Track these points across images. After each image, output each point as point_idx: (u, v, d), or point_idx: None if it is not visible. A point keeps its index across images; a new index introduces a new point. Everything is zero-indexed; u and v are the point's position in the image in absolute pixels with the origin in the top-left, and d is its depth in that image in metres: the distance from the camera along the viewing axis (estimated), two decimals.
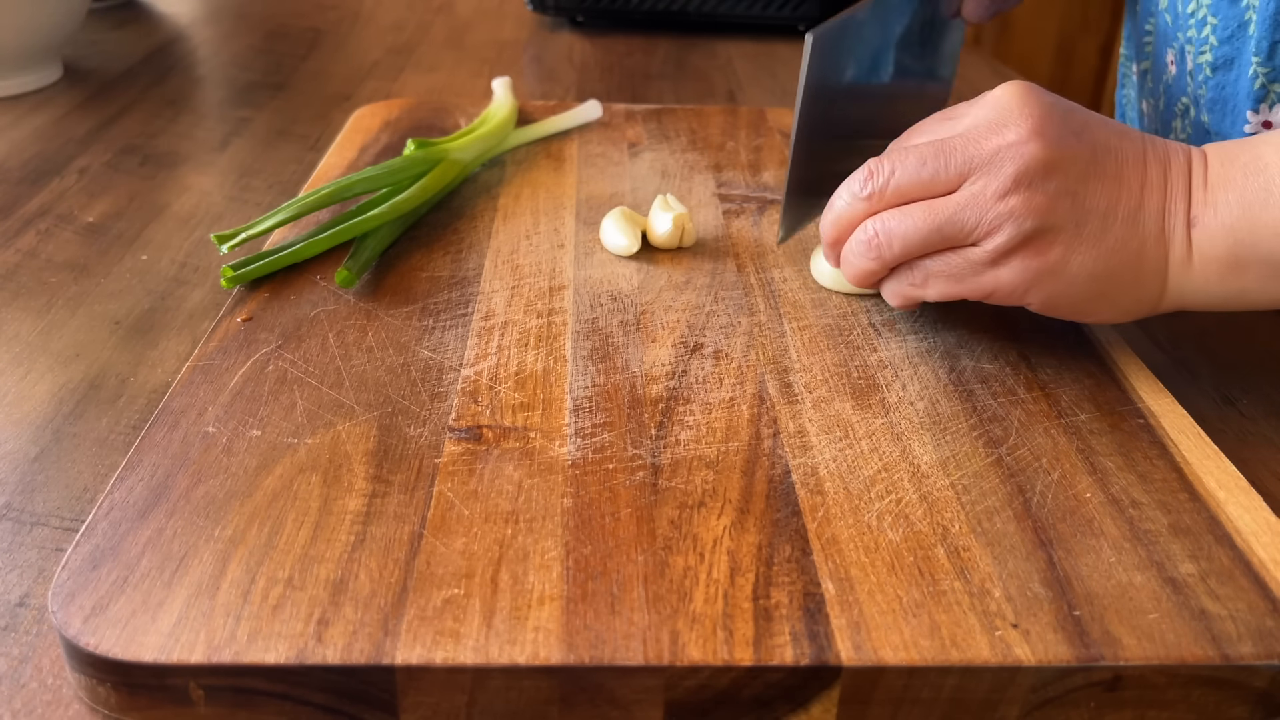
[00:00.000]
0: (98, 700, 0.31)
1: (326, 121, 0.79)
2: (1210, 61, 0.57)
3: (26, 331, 0.50)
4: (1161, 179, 0.42)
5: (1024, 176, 0.41)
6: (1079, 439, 0.40)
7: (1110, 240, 0.42)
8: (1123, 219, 0.42)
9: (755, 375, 0.44)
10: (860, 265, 0.45)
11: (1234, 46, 0.55)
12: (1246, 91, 0.55)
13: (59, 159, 0.70)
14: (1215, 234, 0.41)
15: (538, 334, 0.46)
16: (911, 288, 0.44)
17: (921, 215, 0.42)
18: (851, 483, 0.37)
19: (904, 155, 0.43)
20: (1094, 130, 0.43)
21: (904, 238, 0.43)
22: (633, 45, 1.01)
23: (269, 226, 0.51)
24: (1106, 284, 0.42)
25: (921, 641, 0.31)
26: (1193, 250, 0.42)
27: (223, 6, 1.14)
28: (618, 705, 0.31)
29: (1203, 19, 0.56)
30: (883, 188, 0.43)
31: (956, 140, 0.42)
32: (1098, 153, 0.42)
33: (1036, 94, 0.43)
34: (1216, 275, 0.42)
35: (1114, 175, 0.42)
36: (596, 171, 0.63)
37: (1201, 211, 0.41)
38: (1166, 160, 0.43)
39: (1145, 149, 0.43)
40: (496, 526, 0.35)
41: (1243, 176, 0.41)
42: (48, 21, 0.81)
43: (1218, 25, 0.55)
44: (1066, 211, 0.41)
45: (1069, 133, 0.42)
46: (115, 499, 0.36)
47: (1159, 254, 0.42)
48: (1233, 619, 0.32)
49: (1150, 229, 0.42)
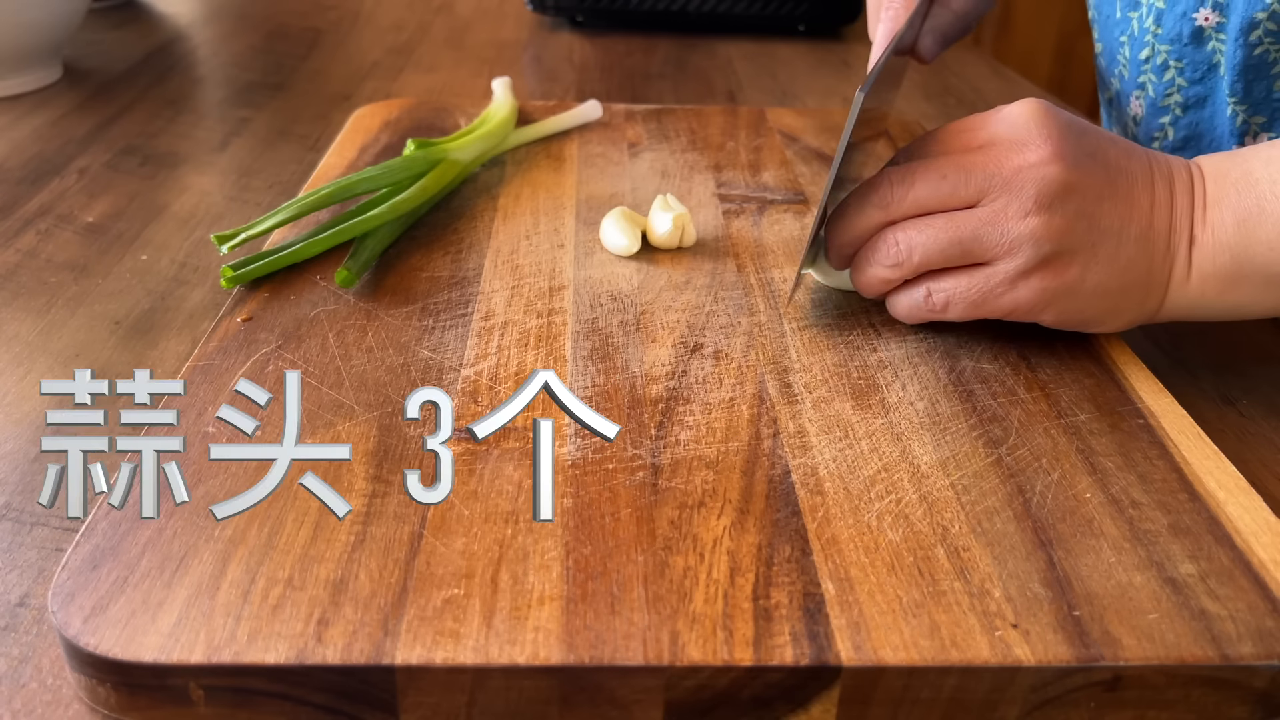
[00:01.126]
0: (98, 700, 0.31)
1: (326, 121, 0.79)
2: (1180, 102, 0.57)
3: (26, 331, 0.50)
4: (1167, 198, 0.43)
5: (1044, 198, 0.41)
6: (1079, 439, 0.40)
7: (1123, 259, 0.42)
8: (1134, 239, 0.42)
9: (755, 375, 0.44)
10: (877, 273, 0.45)
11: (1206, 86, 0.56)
12: (1227, 129, 0.55)
13: (59, 159, 0.70)
14: (1213, 251, 0.42)
15: (538, 334, 0.46)
16: (930, 311, 0.45)
17: (943, 227, 0.43)
18: (851, 483, 0.37)
19: (924, 168, 0.43)
20: (1106, 151, 0.43)
21: (924, 248, 0.43)
22: (633, 45, 1.01)
23: (269, 227, 0.51)
24: (1118, 300, 0.43)
25: (921, 642, 0.31)
26: (1192, 267, 0.43)
27: (223, 6, 1.14)
28: (618, 705, 0.31)
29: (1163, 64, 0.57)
30: (901, 199, 0.44)
31: (977, 157, 0.43)
32: (1111, 174, 0.43)
33: (1054, 113, 0.43)
34: (1214, 290, 0.43)
35: (1125, 196, 0.43)
36: (596, 171, 0.63)
37: (1200, 230, 0.42)
38: (1170, 178, 0.43)
39: (1151, 167, 0.44)
40: (496, 526, 0.35)
41: (1236, 194, 0.42)
42: (48, 21, 0.81)
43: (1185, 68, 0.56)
44: (1083, 233, 0.42)
45: (1085, 154, 0.42)
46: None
47: (1163, 271, 0.43)
48: (1233, 619, 0.32)
49: (1158, 247, 0.43)
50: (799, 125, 0.71)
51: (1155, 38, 0.57)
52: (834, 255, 0.47)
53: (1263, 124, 0.54)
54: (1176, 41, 0.56)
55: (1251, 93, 0.53)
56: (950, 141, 0.45)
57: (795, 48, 1.03)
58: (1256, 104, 0.54)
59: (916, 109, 0.87)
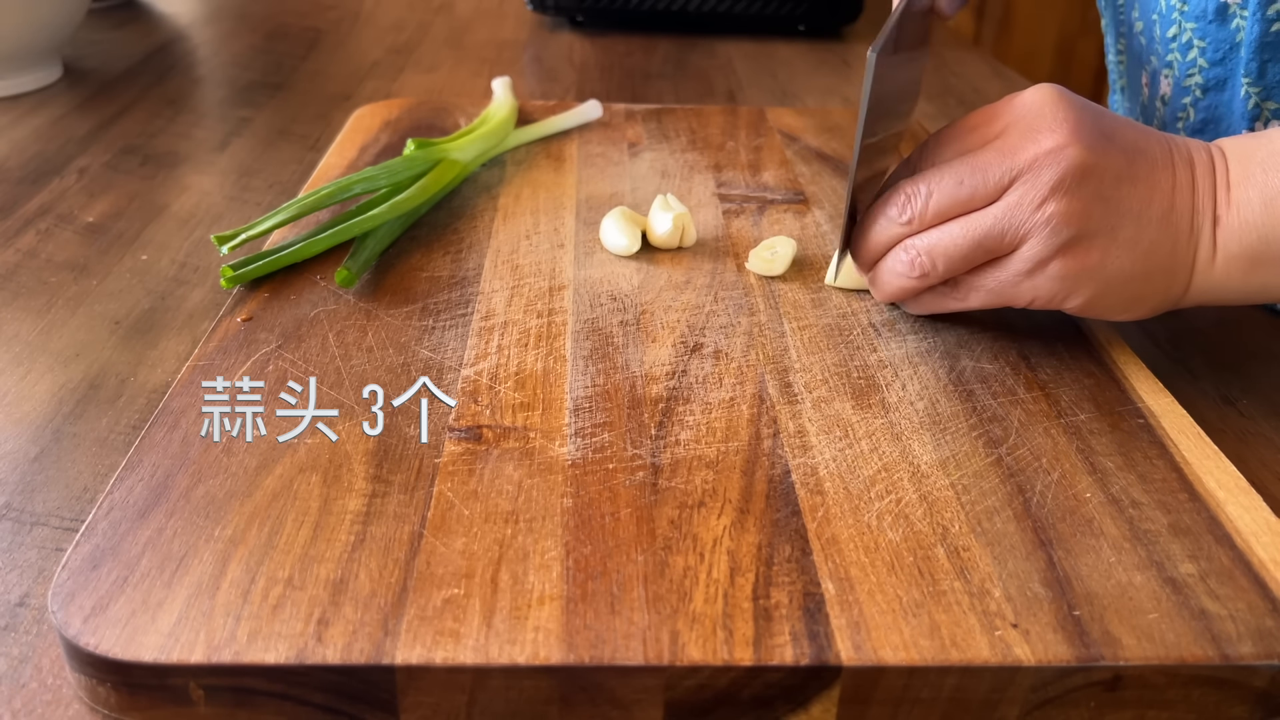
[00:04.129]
0: (98, 700, 0.31)
1: (326, 121, 0.79)
2: (1200, 84, 0.56)
3: (26, 331, 0.50)
4: (1189, 179, 0.42)
5: (1062, 182, 0.41)
6: (1079, 439, 0.40)
7: (1145, 242, 0.42)
8: (1156, 221, 0.42)
9: (755, 375, 0.44)
10: (901, 284, 0.45)
11: (1226, 68, 0.55)
12: (1241, 112, 0.55)
13: (59, 159, 0.70)
14: (1238, 231, 0.41)
15: (538, 334, 0.46)
16: (954, 301, 0.45)
17: (962, 231, 0.42)
18: (851, 483, 0.37)
19: (940, 175, 0.43)
20: (1124, 133, 0.43)
21: (947, 256, 0.43)
22: (633, 45, 1.01)
23: (269, 227, 0.51)
24: (1142, 285, 0.43)
25: (921, 641, 0.31)
26: (1217, 248, 0.42)
27: (223, 6, 1.14)
28: (618, 705, 0.31)
29: (1187, 42, 0.56)
30: (922, 211, 0.43)
31: (991, 155, 0.42)
32: (1129, 156, 0.42)
33: (1068, 97, 0.43)
34: (1240, 271, 0.42)
35: (1146, 178, 0.42)
36: (596, 171, 0.63)
37: (1225, 211, 0.42)
38: (1191, 160, 0.43)
39: (1170, 149, 0.43)
40: (496, 526, 0.35)
41: (1262, 173, 0.41)
42: (48, 21, 0.81)
43: (1206, 48, 0.55)
44: (1103, 216, 0.41)
45: (1102, 137, 0.42)
46: (115, 499, 0.36)
47: (1188, 253, 0.42)
48: (1233, 619, 0.32)
49: (1181, 229, 0.42)
50: (799, 125, 0.71)
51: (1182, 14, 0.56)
52: (859, 268, 0.47)
53: (1275, 110, 0.53)
54: (1201, 19, 0.55)
55: (1266, 74, 0.53)
56: (967, 139, 0.44)
57: (795, 48, 1.03)
58: (1270, 88, 0.53)
59: (917, 109, 0.86)
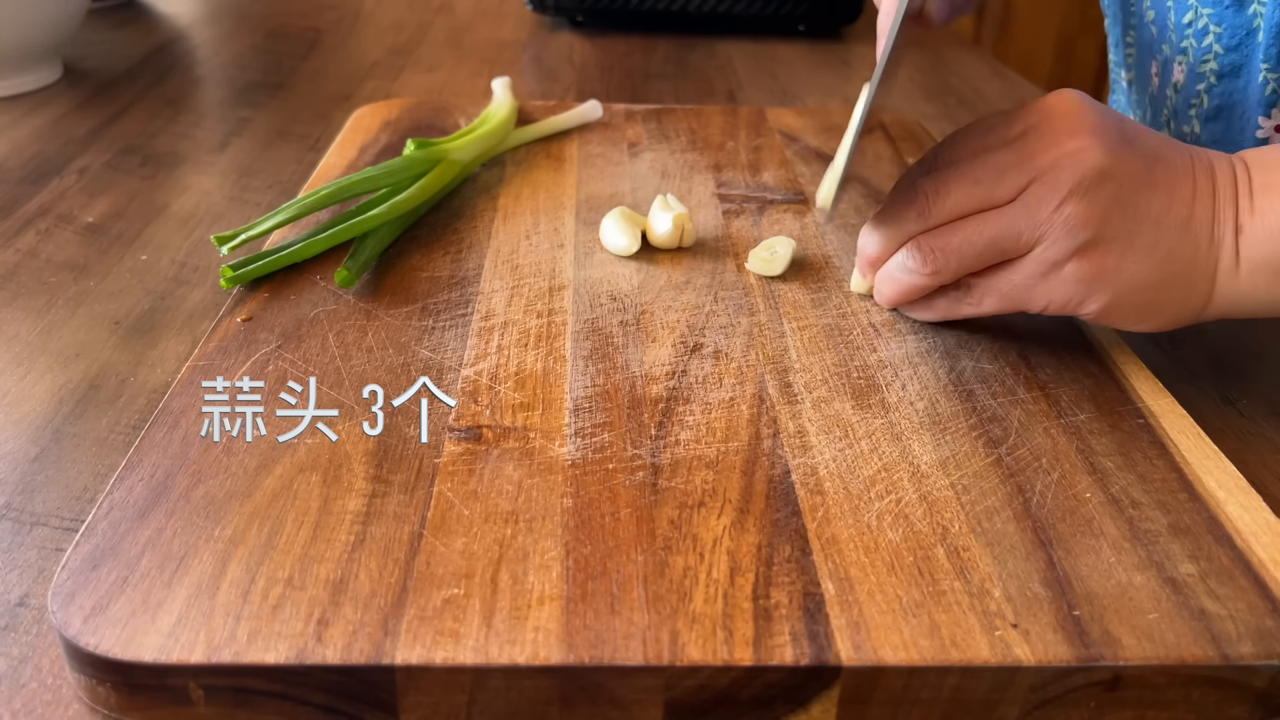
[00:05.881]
0: (98, 700, 0.31)
1: (326, 121, 0.79)
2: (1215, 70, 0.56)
3: (26, 331, 0.50)
4: (1209, 187, 0.42)
5: (1081, 184, 0.40)
6: (1079, 439, 0.40)
7: (1162, 249, 0.41)
8: (1174, 228, 0.41)
9: (755, 375, 0.44)
10: (911, 281, 0.44)
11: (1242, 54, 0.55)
12: (1257, 98, 0.54)
13: (59, 159, 0.70)
14: (1262, 240, 0.41)
15: (538, 334, 0.46)
16: (967, 306, 0.44)
17: (977, 229, 0.42)
18: (851, 483, 0.37)
19: (956, 177, 0.43)
20: (1144, 139, 0.42)
21: (960, 254, 0.42)
22: (633, 45, 1.01)
23: (269, 227, 0.51)
24: (1159, 293, 0.42)
25: (921, 641, 0.31)
26: (1240, 258, 0.41)
27: (223, 6, 1.14)
28: (618, 705, 0.31)
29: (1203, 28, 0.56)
30: (939, 210, 0.43)
31: (1010, 155, 0.42)
32: (1149, 162, 0.42)
33: (1090, 103, 0.42)
34: (1264, 281, 0.41)
35: (1165, 184, 0.41)
36: (596, 171, 0.63)
37: (1248, 219, 0.41)
38: (1212, 169, 0.42)
39: (1192, 158, 0.43)
40: (496, 526, 0.35)
41: None
42: (48, 21, 0.81)
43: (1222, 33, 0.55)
44: (1120, 221, 0.41)
45: (1123, 141, 0.41)
46: (115, 499, 0.36)
47: (1209, 262, 0.42)
48: (1233, 619, 0.32)
49: (1201, 237, 0.41)
50: (799, 125, 0.71)
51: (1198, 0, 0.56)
52: (863, 267, 0.47)
53: None
54: (1218, 4, 0.54)
55: None
56: (984, 139, 0.44)
57: (795, 48, 1.03)
58: None
59: (917, 109, 0.87)
